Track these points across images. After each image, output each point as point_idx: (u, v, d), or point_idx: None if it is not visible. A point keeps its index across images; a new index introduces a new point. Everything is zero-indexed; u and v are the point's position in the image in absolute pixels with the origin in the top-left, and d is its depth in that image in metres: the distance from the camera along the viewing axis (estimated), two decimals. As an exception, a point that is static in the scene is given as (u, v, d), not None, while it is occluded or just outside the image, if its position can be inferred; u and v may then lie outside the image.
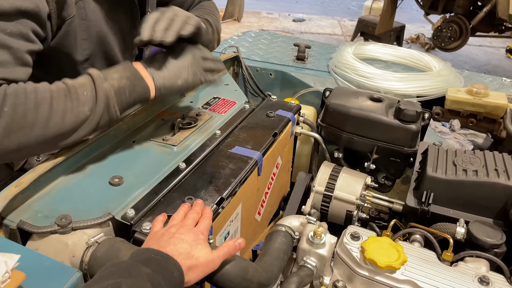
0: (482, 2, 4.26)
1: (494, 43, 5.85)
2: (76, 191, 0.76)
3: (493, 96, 1.22)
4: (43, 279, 0.57)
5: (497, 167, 0.96)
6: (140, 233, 0.69)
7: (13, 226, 0.67)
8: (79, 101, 0.74)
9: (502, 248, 0.88)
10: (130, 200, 0.75)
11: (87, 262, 0.64)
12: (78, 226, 0.68)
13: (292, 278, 0.80)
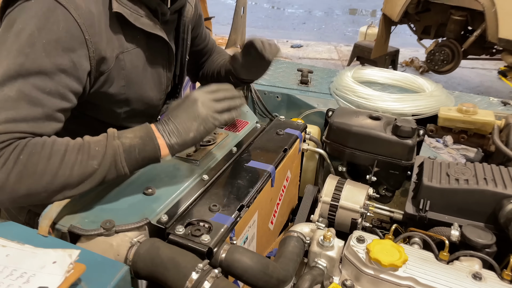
0: (473, 27, 4.46)
1: (486, 65, 6.04)
2: (116, 200, 0.86)
3: (481, 114, 1.34)
4: (97, 272, 0.67)
5: (486, 176, 1.06)
6: (174, 235, 0.79)
7: (64, 230, 0.78)
8: (89, 155, 0.78)
9: (493, 248, 0.98)
10: (162, 207, 0.86)
11: (131, 259, 0.74)
12: (120, 229, 0.78)
13: (306, 276, 0.89)
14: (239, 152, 1.09)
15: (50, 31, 0.79)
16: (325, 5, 10.44)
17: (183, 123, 0.86)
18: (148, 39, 0.98)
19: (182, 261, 0.72)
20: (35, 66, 0.77)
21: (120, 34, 0.92)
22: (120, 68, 0.94)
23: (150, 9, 0.96)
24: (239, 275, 0.77)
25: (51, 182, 0.75)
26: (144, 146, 0.82)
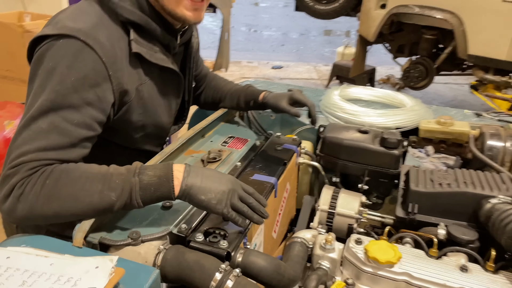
0: (444, 44, 4.73)
1: (458, 81, 6.35)
2: (138, 215, 0.94)
3: (458, 125, 1.48)
4: (133, 276, 0.75)
5: (466, 180, 1.19)
6: (194, 242, 0.88)
7: (95, 242, 0.85)
8: (109, 187, 0.84)
9: (476, 244, 1.09)
10: (181, 218, 0.94)
11: (159, 264, 0.82)
12: (146, 239, 0.86)
13: (312, 276, 0.99)
14: (243, 166, 1.19)
15: (78, 69, 0.88)
16: (301, 27, 10.77)
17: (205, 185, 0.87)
18: (160, 71, 1.09)
19: (206, 263, 0.81)
20: (65, 101, 0.87)
21: (139, 69, 1.03)
22: (139, 98, 1.05)
23: (163, 45, 1.07)
24: (254, 275, 0.86)
25: (74, 206, 0.83)
26: (160, 186, 0.86)
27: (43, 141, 0.85)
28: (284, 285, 0.89)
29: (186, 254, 0.82)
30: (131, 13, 0.98)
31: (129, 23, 0.99)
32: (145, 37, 1.02)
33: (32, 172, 0.82)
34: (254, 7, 13.65)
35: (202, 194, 0.87)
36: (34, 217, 0.83)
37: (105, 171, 0.87)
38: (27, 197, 0.81)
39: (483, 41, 4.14)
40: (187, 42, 1.20)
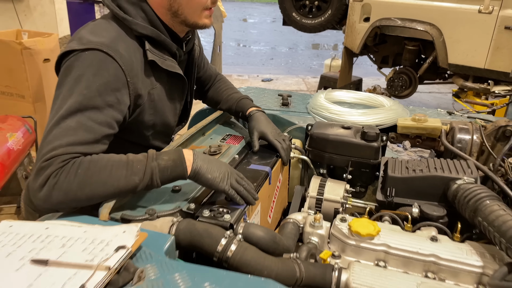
0: (425, 55, 4.98)
1: (441, 89, 6.62)
2: (152, 197, 1.09)
3: (431, 121, 1.66)
4: (153, 241, 0.89)
5: (436, 166, 1.36)
6: (202, 217, 1.02)
7: (117, 217, 1.00)
8: (132, 172, 0.99)
9: (445, 219, 1.25)
10: (189, 199, 1.09)
11: (173, 233, 0.96)
12: (161, 214, 1.01)
13: (303, 247, 1.13)
14: (240, 158, 1.35)
15: (102, 76, 1.04)
16: (289, 42, 11.07)
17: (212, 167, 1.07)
18: (168, 76, 1.26)
19: (213, 231, 0.96)
20: (90, 103, 1.02)
21: (151, 75, 1.19)
22: (150, 101, 1.21)
23: (171, 53, 1.24)
24: (254, 243, 1.01)
25: (104, 190, 0.98)
26: (175, 168, 1.04)
27: (72, 137, 0.99)
28: (279, 252, 1.04)
29: (196, 225, 0.97)
30: (143, 28, 1.15)
31: (143, 36, 1.15)
32: (157, 47, 1.19)
33: (64, 164, 0.97)
34: (242, 23, 13.99)
35: (209, 173, 1.05)
36: (69, 202, 0.97)
37: (125, 159, 1.03)
38: (61, 185, 0.95)
39: (462, 51, 4.39)
40: (190, 50, 1.37)
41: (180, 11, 1.18)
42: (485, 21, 4.19)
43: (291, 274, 0.95)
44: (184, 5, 1.17)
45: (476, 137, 1.56)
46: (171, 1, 1.17)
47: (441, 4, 4.42)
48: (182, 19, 1.19)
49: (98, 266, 0.76)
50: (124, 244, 0.81)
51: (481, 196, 1.16)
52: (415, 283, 1.00)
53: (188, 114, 1.47)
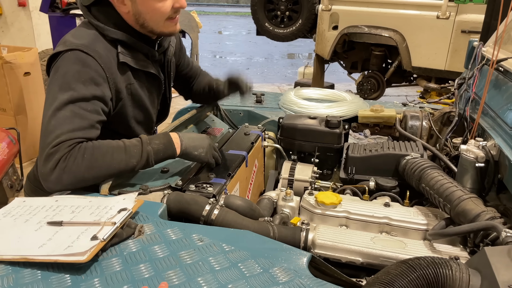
0: (391, 59, 5.30)
1: (409, 92, 6.96)
2: (144, 176, 1.26)
3: (387, 111, 1.89)
4: (148, 207, 1.06)
5: (389, 146, 1.57)
6: (188, 190, 1.20)
7: (115, 193, 1.16)
8: (130, 155, 1.16)
9: (397, 189, 1.46)
10: (176, 178, 1.26)
11: (164, 203, 1.13)
12: (153, 189, 1.18)
13: (276, 216, 1.32)
14: (220, 145, 1.53)
15: (85, 72, 1.20)
16: (264, 52, 11.36)
17: (195, 144, 1.29)
18: (145, 74, 1.41)
19: (199, 199, 1.13)
20: (79, 95, 1.18)
21: (128, 72, 1.34)
22: (129, 95, 1.36)
23: (144, 54, 1.39)
24: (234, 210, 1.19)
25: (107, 172, 1.15)
26: (166, 150, 1.24)
27: (71, 125, 1.15)
28: (255, 218, 1.22)
29: (184, 195, 1.15)
30: (114, 33, 1.31)
31: (116, 40, 1.32)
32: (129, 49, 1.34)
33: (70, 149, 1.12)
34: (218, 35, 14.24)
35: (195, 150, 1.28)
36: (78, 182, 1.13)
37: (123, 144, 1.19)
38: (71, 168, 1.10)
39: (424, 54, 4.72)
40: (165, 51, 1.51)
41: (145, 23, 1.33)
42: (443, 26, 4.53)
43: (265, 232, 1.13)
44: (148, 19, 1.32)
45: (425, 123, 1.80)
46: (137, 16, 1.32)
47: (403, 12, 4.74)
48: (149, 30, 1.35)
49: (105, 222, 0.93)
50: (126, 207, 0.98)
51: (424, 167, 1.38)
52: (370, 238, 1.19)
53: (167, 110, 1.63)
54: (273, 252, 0.93)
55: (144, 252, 0.90)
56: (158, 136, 1.25)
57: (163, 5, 1.30)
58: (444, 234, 1.15)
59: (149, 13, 1.30)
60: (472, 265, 0.92)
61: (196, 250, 0.91)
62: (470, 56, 1.83)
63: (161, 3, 1.29)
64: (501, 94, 1.51)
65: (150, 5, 1.29)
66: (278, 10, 5.73)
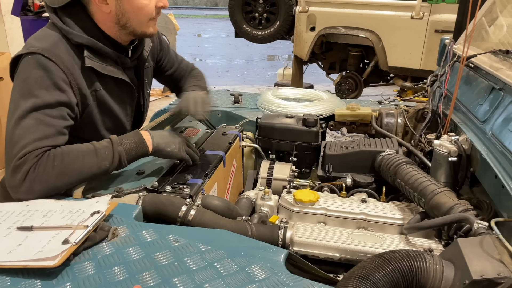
0: (368, 59, 5.38)
1: (386, 92, 7.06)
2: (119, 179, 1.24)
3: (362, 109, 1.91)
4: (123, 209, 1.04)
5: (365, 143, 1.59)
6: (165, 192, 1.19)
7: (89, 196, 1.14)
8: (102, 158, 1.14)
9: (373, 185, 1.48)
10: (152, 179, 1.25)
11: (140, 205, 1.12)
12: (128, 191, 1.16)
13: (255, 215, 1.31)
14: (198, 147, 1.52)
15: (48, 78, 1.17)
16: (244, 55, 11.37)
17: (167, 141, 1.29)
18: (114, 80, 1.36)
19: (175, 200, 1.12)
20: (43, 102, 1.14)
21: (94, 78, 1.30)
22: (96, 101, 1.32)
23: (113, 60, 1.35)
24: (212, 209, 1.18)
25: (80, 177, 1.13)
26: (138, 148, 1.22)
27: (36, 134, 1.11)
28: (233, 218, 1.21)
29: (160, 196, 1.13)
30: (79, 37, 1.26)
31: (81, 44, 1.27)
32: (97, 54, 1.30)
33: (38, 159, 1.08)
34: (197, 38, 14.19)
35: (167, 147, 1.27)
36: (50, 191, 1.09)
37: (92, 148, 1.17)
38: (42, 178, 1.07)
39: (399, 54, 4.80)
40: (139, 56, 1.47)
41: (128, 23, 1.30)
42: (417, 26, 4.62)
43: (243, 231, 1.12)
44: (133, 18, 1.29)
45: (400, 120, 1.82)
46: (119, 16, 1.29)
47: (379, 13, 4.82)
48: (130, 31, 1.32)
49: (77, 226, 0.91)
50: (99, 210, 0.96)
51: (399, 162, 1.40)
52: (347, 234, 1.20)
53: (143, 117, 1.59)
54: (250, 251, 0.92)
55: (118, 254, 0.88)
56: (128, 135, 1.24)
57: (149, 3, 1.29)
58: (419, 227, 1.17)
59: (134, 12, 1.28)
60: (446, 257, 0.94)
61: (172, 251, 0.90)
62: (442, 53, 1.87)
63: (147, 0, 1.28)
64: (471, 89, 1.54)
65: (137, 2, 1.27)
66: (256, 12, 5.74)
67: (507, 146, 1.11)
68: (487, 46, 1.67)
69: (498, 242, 0.89)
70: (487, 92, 1.38)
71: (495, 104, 1.29)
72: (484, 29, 1.77)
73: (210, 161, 1.41)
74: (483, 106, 1.37)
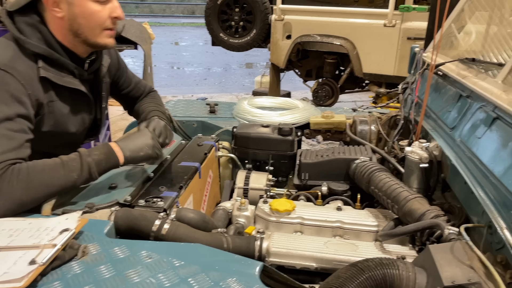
0: (343, 66, 5.46)
1: (362, 98, 7.19)
2: (90, 193, 1.21)
3: (337, 117, 1.93)
4: (94, 226, 1.02)
5: (339, 151, 1.61)
6: (138, 206, 1.17)
7: (59, 213, 1.10)
8: (70, 170, 1.12)
9: (348, 193, 1.49)
10: (125, 193, 1.22)
11: (112, 220, 1.09)
12: (100, 207, 1.13)
13: (231, 226, 1.31)
14: (172, 158, 1.50)
15: (5, 90, 1.14)
16: (222, 62, 11.37)
17: (138, 145, 1.27)
18: (71, 92, 1.33)
19: (148, 214, 1.10)
20: (3, 116, 1.11)
21: (50, 89, 1.27)
22: (49, 113, 1.29)
23: (70, 71, 1.32)
24: (186, 223, 1.16)
25: (46, 191, 1.10)
26: (108, 159, 1.20)
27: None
28: (209, 230, 1.20)
29: (132, 211, 1.11)
30: (36, 47, 1.24)
31: (37, 54, 1.25)
32: (53, 65, 1.28)
33: (2, 173, 1.05)
34: (174, 46, 14.11)
35: (140, 151, 1.27)
36: (16, 207, 1.06)
37: (59, 161, 1.14)
38: (7, 193, 1.04)
39: (373, 61, 4.90)
40: (97, 70, 1.45)
41: (80, 31, 1.28)
42: (390, 33, 4.73)
43: (218, 244, 1.11)
44: (84, 25, 1.27)
45: (373, 127, 1.85)
46: (71, 22, 1.25)
47: (352, 21, 4.91)
48: (83, 39, 1.30)
49: (45, 245, 0.88)
50: (68, 227, 0.94)
51: (372, 170, 1.41)
52: (323, 242, 1.21)
53: (98, 129, 1.56)
54: (224, 264, 0.91)
55: (88, 273, 0.86)
56: (97, 147, 1.22)
57: (100, 10, 1.27)
58: (393, 234, 1.18)
59: (85, 17, 1.26)
60: (418, 263, 0.95)
61: (144, 267, 0.88)
62: (413, 61, 1.91)
63: (99, 6, 1.26)
64: (441, 97, 1.58)
65: (87, 7, 1.25)
66: (232, 21, 5.76)
67: (475, 153, 1.14)
68: (457, 53, 1.72)
69: (468, 247, 0.91)
70: (455, 99, 1.42)
71: (463, 111, 1.32)
72: (453, 36, 1.83)
73: (185, 173, 1.40)
74: (452, 113, 1.41)
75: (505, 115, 1.06)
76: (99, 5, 1.26)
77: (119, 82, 1.64)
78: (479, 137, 1.15)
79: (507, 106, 1.04)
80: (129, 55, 10.99)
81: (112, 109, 3.64)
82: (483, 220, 0.99)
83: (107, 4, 1.28)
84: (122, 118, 5.33)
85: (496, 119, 1.10)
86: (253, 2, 5.51)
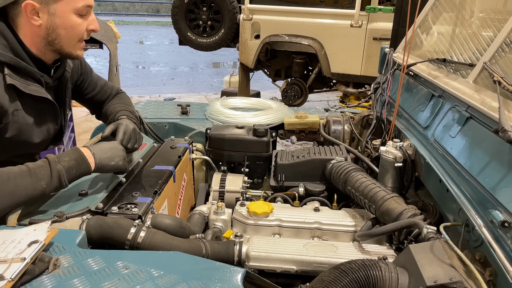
0: (312, 66, 5.51)
1: (330, 97, 7.29)
2: (59, 201, 1.15)
3: (311, 117, 1.93)
4: (65, 236, 0.96)
5: (315, 152, 1.61)
6: (111, 213, 1.11)
7: (26, 223, 1.04)
8: (37, 178, 1.05)
9: (325, 193, 1.49)
10: (96, 201, 1.17)
11: (83, 229, 1.04)
12: (70, 215, 1.07)
13: (209, 231, 1.27)
14: (144, 162, 1.45)
15: None
16: (189, 62, 11.23)
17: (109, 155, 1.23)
18: (35, 101, 1.27)
19: (122, 222, 1.05)
20: None
21: (15, 98, 1.21)
22: (13, 122, 1.22)
23: (35, 79, 1.27)
24: (162, 230, 1.12)
25: (12, 201, 1.03)
26: (79, 166, 1.15)
27: None
28: (186, 236, 1.17)
29: (105, 219, 1.06)
30: (2, 56, 1.18)
31: (2, 62, 1.18)
32: (19, 73, 1.22)
33: None
34: (139, 45, 13.81)
35: (111, 161, 1.23)
36: None
37: (26, 168, 1.07)
38: None
39: (341, 61, 4.96)
40: (61, 76, 1.40)
41: (57, 40, 1.25)
42: (356, 34, 4.81)
43: (197, 251, 1.08)
44: (62, 35, 1.25)
45: (346, 127, 1.87)
46: (49, 31, 1.23)
47: (320, 21, 4.96)
48: (57, 48, 1.27)
49: (13, 259, 0.82)
50: (37, 239, 0.88)
51: (348, 170, 1.42)
52: (302, 245, 1.20)
53: (62, 136, 1.49)
54: (205, 272, 0.88)
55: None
56: (67, 153, 1.16)
57: (81, 23, 1.27)
58: (371, 234, 1.19)
59: (66, 29, 1.24)
60: (399, 263, 0.96)
61: (121, 279, 0.84)
62: (383, 62, 1.94)
63: (80, 20, 1.27)
64: (412, 96, 1.61)
65: (70, 19, 1.24)
66: (200, 20, 5.69)
67: (450, 152, 1.16)
68: (422, 54, 1.76)
69: (447, 246, 0.92)
70: (427, 99, 1.45)
71: (435, 111, 1.35)
72: (419, 38, 1.87)
73: (159, 177, 1.35)
74: (424, 112, 1.43)
75: (478, 114, 1.09)
76: (80, 18, 1.26)
77: (83, 86, 1.58)
78: (453, 136, 1.17)
79: (480, 105, 1.07)
80: (92, 54, 10.69)
81: (76, 110, 3.50)
82: (459, 218, 1.01)
83: (87, 17, 1.29)
84: (86, 119, 5.15)
85: (469, 119, 1.12)
86: (221, 2, 5.46)
